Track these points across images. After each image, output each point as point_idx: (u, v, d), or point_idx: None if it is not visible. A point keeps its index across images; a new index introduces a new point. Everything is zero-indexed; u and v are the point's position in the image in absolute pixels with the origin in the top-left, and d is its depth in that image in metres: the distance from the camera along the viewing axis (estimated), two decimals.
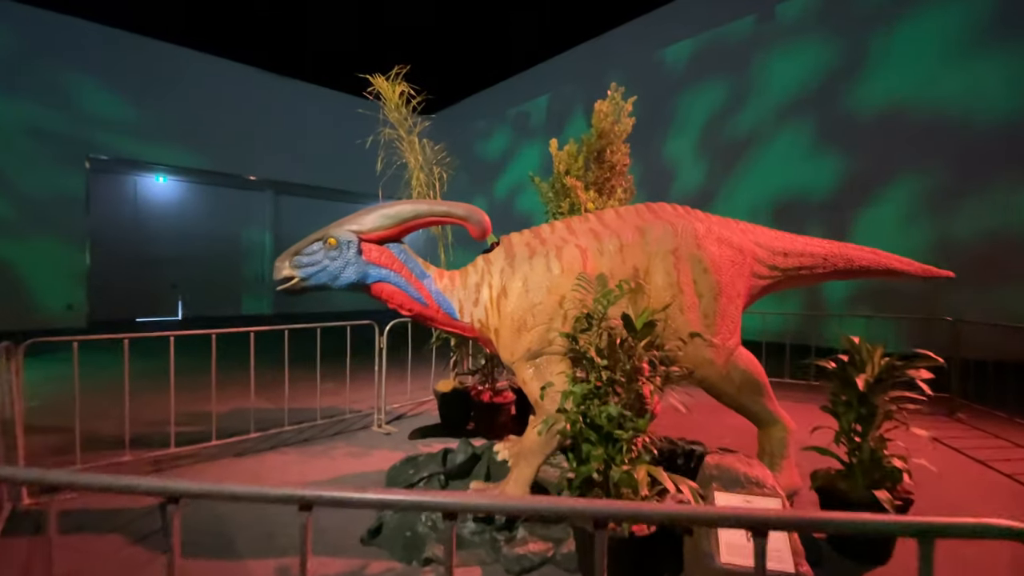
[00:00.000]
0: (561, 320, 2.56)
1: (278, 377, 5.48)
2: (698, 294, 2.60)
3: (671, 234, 2.68)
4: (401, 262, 2.76)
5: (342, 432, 4.28)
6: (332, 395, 5.35)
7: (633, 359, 2.11)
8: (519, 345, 2.58)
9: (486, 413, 4.15)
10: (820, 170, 9.88)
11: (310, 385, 5.54)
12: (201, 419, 4.36)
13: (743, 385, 2.65)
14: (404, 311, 2.80)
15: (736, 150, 11.04)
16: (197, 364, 4.77)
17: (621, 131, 3.96)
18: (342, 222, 2.74)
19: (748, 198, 10.81)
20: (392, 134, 4.00)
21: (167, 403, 4.35)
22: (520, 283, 2.64)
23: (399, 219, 2.71)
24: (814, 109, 9.95)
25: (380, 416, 4.47)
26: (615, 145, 3.95)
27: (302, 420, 4.40)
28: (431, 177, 4.14)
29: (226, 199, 17.96)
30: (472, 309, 2.75)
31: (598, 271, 2.61)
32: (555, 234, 2.82)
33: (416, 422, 4.59)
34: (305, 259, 2.68)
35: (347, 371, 4.58)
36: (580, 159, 4.02)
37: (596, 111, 3.93)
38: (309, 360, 5.12)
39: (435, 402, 4.98)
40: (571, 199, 4.21)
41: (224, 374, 5.20)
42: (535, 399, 2.56)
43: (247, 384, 3.71)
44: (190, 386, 5.21)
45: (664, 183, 12.02)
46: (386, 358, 4.48)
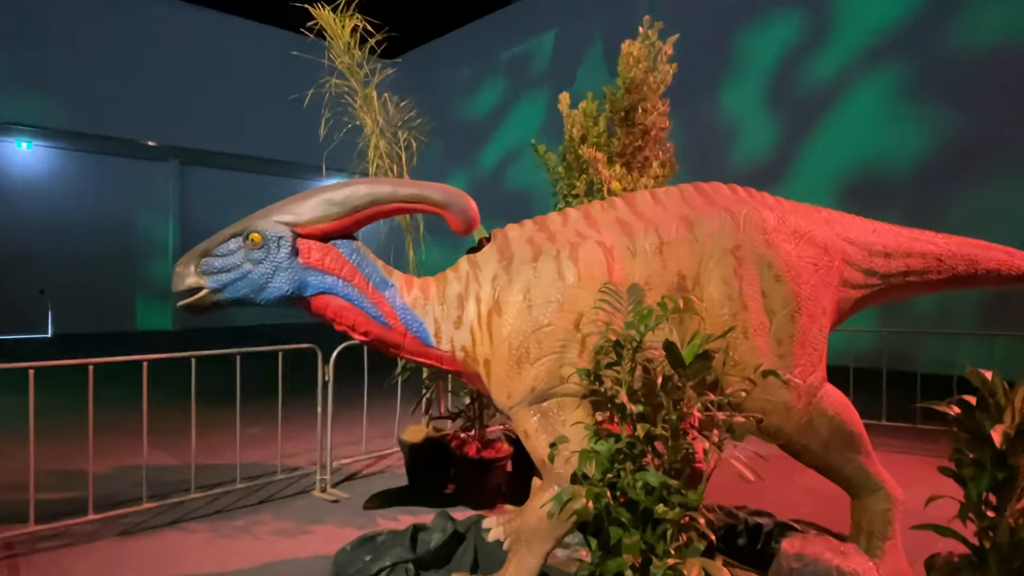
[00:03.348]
0: (578, 349, 2.50)
1: (182, 422, 5.37)
2: (768, 311, 2.55)
3: (730, 227, 2.64)
4: (353, 266, 2.69)
5: (271, 499, 4.21)
6: (258, 446, 5.25)
7: (680, 405, 2.04)
8: (519, 383, 2.52)
9: (472, 472, 4.09)
10: (908, 134, 9.92)
11: (227, 433, 5.43)
12: (74, 482, 4.25)
13: (832, 439, 2.60)
14: (357, 335, 2.73)
15: (807, 108, 11.08)
16: (71, 403, 4.67)
17: (657, 82, 3.93)
18: (270, 210, 2.67)
19: (817, 172, 10.84)
20: (341, 86, 3.94)
21: (24, 459, 4.25)
22: (520, 296, 2.58)
23: (350, 206, 2.65)
24: (907, 52, 10.00)
25: (324, 476, 4.40)
26: (649, 101, 3.92)
27: (216, 482, 4.32)
28: (395, 145, 4.08)
29: (114, 173, 17.83)
30: (453, 332, 2.70)
31: (629, 279, 2.56)
32: (568, 227, 2.77)
33: (375, 484, 4.53)
34: (218, 262, 2.60)
35: (279, 413, 4.49)
36: (601, 121, 3.98)
37: (623, 56, 3.90)
38: (226, 397, 5.02)
39: (401, 456, 4.90)
40: (588, 176, 4.16)
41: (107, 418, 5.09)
42: (541, 459, 2.49)
43: (138, 432, 3.63)
44: (59, 435, 5.10)
45: (715, 153, 12.04)
46: (333, 395, 4.40)
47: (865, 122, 10.39)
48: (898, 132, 10.05)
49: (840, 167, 10.65)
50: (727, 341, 2.17)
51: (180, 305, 2.62)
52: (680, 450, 2.02)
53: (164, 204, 18.71)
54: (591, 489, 1.97)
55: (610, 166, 3.83)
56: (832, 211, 3.00)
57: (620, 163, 3.94)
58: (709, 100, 12.34)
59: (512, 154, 16.53)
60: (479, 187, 16.71)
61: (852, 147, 10.54)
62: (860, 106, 10.49)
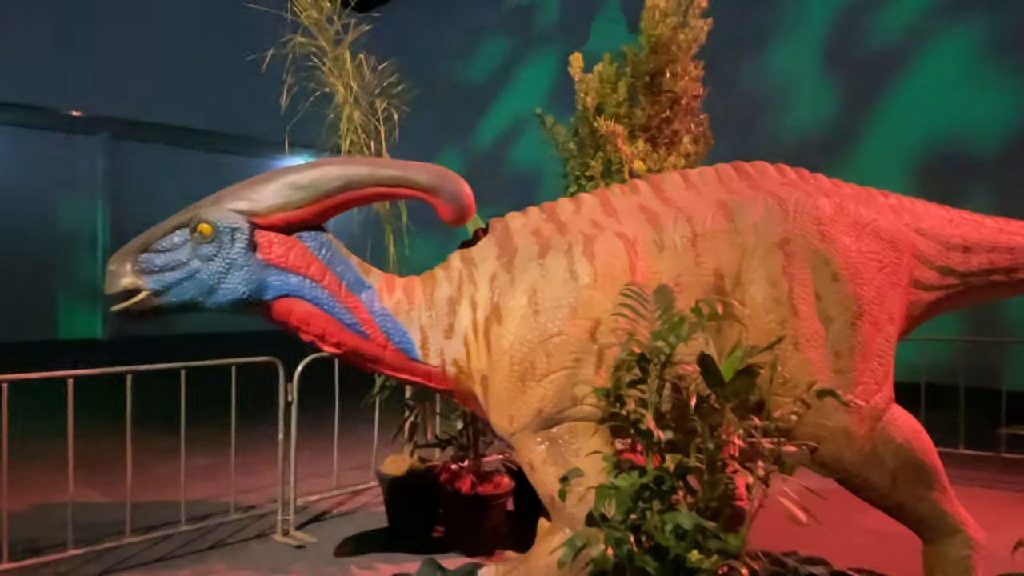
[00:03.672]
0: (594, 363, 2.52)
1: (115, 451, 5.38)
2: (824, 318, 2.56)
3: (778, 216, 2.66)
4: (322, 263, 2.71)
5: (223, 543, 4.22)
6: (206, 479, 5.24)
7: (718, 431, 2.05)
8: (523, 405, 2.54)
9: (466, 511, 4.10)
10: (995, 101, 9.89)
11: (169, 464, 5.43)
12: None
13: (900, 471, 2.61)
14: (328, 346, 2.75)
15: (872, 71, 11.07)
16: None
17: (689, 41, 3.95)
18: (222, 196, 2.69)
19: (885, 148, 10.83)
20: (307, 45, 3.95)
21: None
22: (525, 299, 2.60)
23: (319, 191, 2.67)
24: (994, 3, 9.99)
25: (287, 516, 4.41)
26: (679, 64, 3.93)
27: (156, 524, 4.30)
28: (371, 117, 4.09)
29: (30, 149, 17.82)
30: (443, 343, 2.72)
31: (655, 279, 2.58)
32: (582, 216, 2.79)
33: (347, 526, 4.51)
34: (160, 259, 2.62)
35: (232, 440, 4.50)
36: (621, 88, 4.00)
37: (648, 9, 3.92)
38: (168, 421, 5.03)
39: (379, 492, 4.90)
40: (606, 153, 4.18)
41: (23, 447, 5.10)
42: (550, 496, 2.50)
43: (61, 463, 3.62)
44: None
45: (759, 127, 12.04)
46: (297, 418, 4.41)
47: (944, 87, 10.37)
48: (983, 100, 10.04)
49: (913, 142, 10.65)
50: (775, 354, 2.18)
51: (115, 310, 2.63)
52: (718, 486, 2.03)
53: (91, 186, 18.69)
54: (611, 533, 1.98)
55: (632, 142, 3.85)
56: (900, 197, 3.02)
57: (644, 138, 3.96)
58: (752, 62, 12.33)
59: (514, 128, 16.52)
60: (475, 167, 16.69)
61: (928, 118, 10.53)
62: (937, 68, 10.48)
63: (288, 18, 4.08)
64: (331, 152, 4.09)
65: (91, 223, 18.74)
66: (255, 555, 4.06)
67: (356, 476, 5.29)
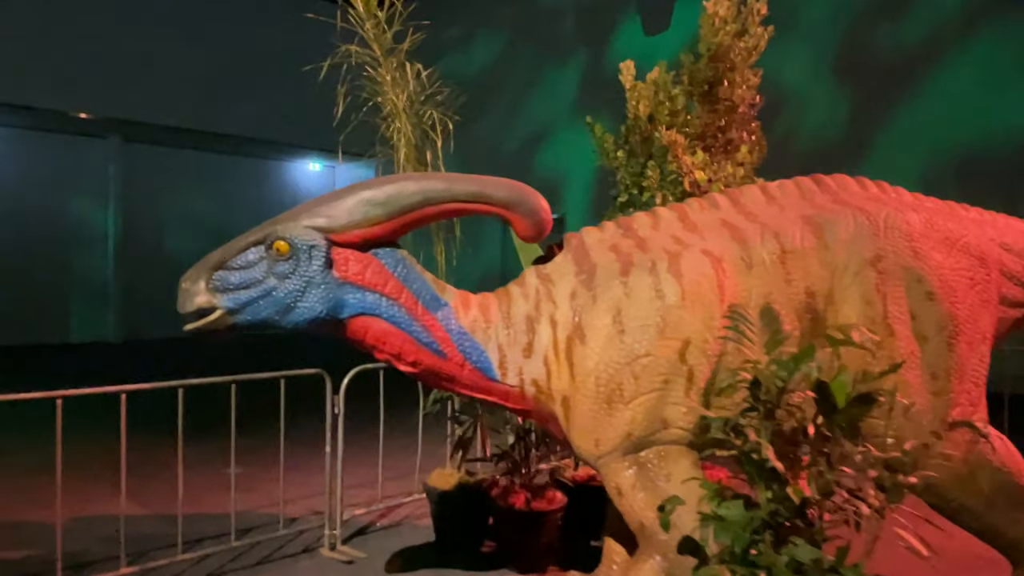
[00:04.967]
0: (683, 385, 2.46)
1: (158, 461, 5.33)
2: (920, 338, 2.50)
3: (869, 232, 2.59)
4: (399, 281, 2.65)
5: (271, 559, 4.16)
6: (249, 491, 5.18)
7: (832, 460, 1.98)
8: (611, 428, 2.47)
9: (517, 527, 4.03)
10: (1010, 112, 9.75)
11: (212, 474, 5.38)
12: (34, 538, 4.19)
13: (996, 495, 2.55)
14: (403, 365, 2.68)
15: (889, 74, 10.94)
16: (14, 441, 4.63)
17: (748, 49, 3.88)
18: (297, 213, 2.63)
19: (899, 157, 10.68)
20: (363, 55, 3.87)
21: None
22: (608, 318, 2.53)
23: (396, 206, 2.61)
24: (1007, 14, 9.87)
25: (334, 530, 4.35)
26: (739, 73, 3.86)
27: (204, 536, 4.27)
28: (420, 125, 4.02)
29: (41, 151, 17.73)
30: (522, 362, 2.65)
31: (745, 297, 2.51)
32: (662, 231, 2.72)
33: (393, 540, 4.47)
34: (235, 277, 2.55)
35: (280, 454, 4.43)
36: (679, 96, 3.93)
37: (707, 16, 3.85)
38: (202, 432, 4.98)
39: (420, 505, 4.83)
40: (657, 163, 4.11)
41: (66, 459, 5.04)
42: (638, 522, 2.44)
43: (104, 474, 3.56)
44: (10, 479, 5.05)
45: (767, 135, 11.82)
46: (343, 431, 4.35)
47: (958, 97, 10.25)
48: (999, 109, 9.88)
49: (926, 152, 10.49)
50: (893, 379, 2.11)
51: (189, 329, 2.57)
52: (837, 515, 1.96)
53: (102, 189, 18.62)
54: (726, 568, 1.90)
55: (692, 151, 3.78)
56: (980, 210, 2.95)
57: (700, 147, 3.89)
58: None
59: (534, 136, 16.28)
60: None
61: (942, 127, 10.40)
62: (952, 77, 10.35)
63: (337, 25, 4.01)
64: (383, 163, 4.02)
65: (102, 226, 18.67)
66: (306, 572, 4.00)
67: (400, 484, 5.23)
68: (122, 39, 16.58)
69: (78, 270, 18.40)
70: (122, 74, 16.56)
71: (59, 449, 3.52)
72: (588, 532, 4.33)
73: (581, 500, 4.21)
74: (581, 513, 4.23)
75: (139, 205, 19.00)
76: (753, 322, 2.36)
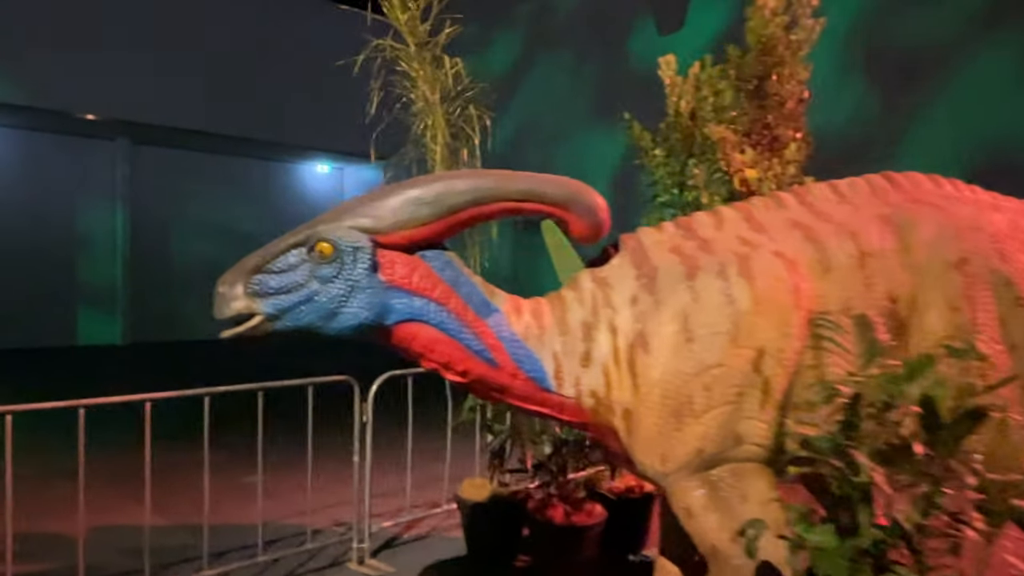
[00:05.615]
0: (759, 397, 2.30)
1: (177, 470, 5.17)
2: (1010, 346, 2.33)
3: (951, 233, 2.43)
4: (447, 285, 2.49)
5: (297, 574, 4.02)
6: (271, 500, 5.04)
7: (940, 483, 1.81)
8: (679, 444, 2.31)
9: (555, 542, 3.90)
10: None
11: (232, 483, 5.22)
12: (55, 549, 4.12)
13: None
14: (452, 374, 2.52)
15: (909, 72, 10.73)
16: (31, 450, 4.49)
17: (799, 43, 3.72)
18: (339, 213, 2.47)
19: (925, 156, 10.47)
20: (397, 51, 3.70)
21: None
22: (675, 325, 2.37)
23: (444, 206, 2.45)
24: None
25: (362, 544, 4.20)
26: (788, 68, 3.70)
27: (230, 548, 4.18)
28: (456, 122, 3.86)
29: (49, 153, 17.61)
30: (579, 372, 2.49)
31: (822, 303, 2.36)
32: (727, 232, 2.56)
33: (422, 553, 4.35)
34: (275, 281, 2.40)
35: (308, 464, 4.28)
36: (727, 91, 3.76)
37: (757, 7, 3.69)
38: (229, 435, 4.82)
39: (448, 517, 4.68)
40: (699, 161, 3.96)
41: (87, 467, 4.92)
42: (712, 546, 2.28)
43: (129, 483, 3.44)
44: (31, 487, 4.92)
45: None
46: (371, 439, 4.21)
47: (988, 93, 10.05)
48: None
49: (955, 150, 10.28)
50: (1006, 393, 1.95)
51: (226, 336, 2.41)
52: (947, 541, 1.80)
53: (110, 191, 18.53)
54: None
55: (742, 149, 3.62)
56: None
57: (749, 144, 3.72)
58: None
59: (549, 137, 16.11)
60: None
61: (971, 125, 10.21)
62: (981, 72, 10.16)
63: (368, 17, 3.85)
64: (417, 163, 3.86)
65: (110, 228, 18.57)
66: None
67: (427, 493, 5.04)
68: (130, 40, 16.45)
69: (85, 272, 18.31)
70: (130, 76, 16.43)
71: (81, 460, 3.40)
72: (628, 546, 4.19)
73: (620, 513, 4.06)
74: (621, 527, 4.08)
75: (147, 207, 18.92)
76: (843, 330, 2.19)
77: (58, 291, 17.69)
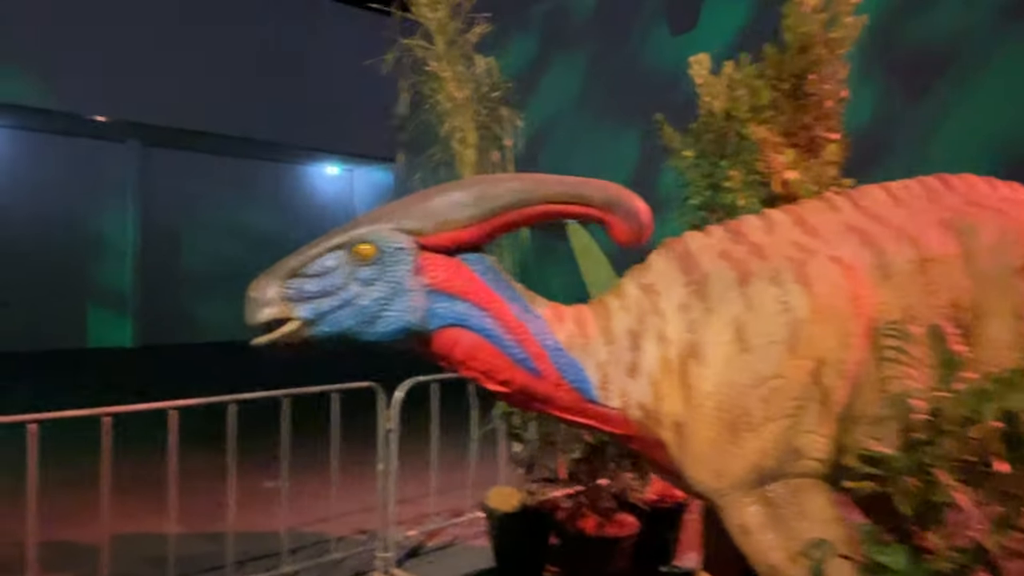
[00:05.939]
0: (818, 410, 2.21)
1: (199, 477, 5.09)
2: None
3: (1013, 238, 2.35)
4: (491, 289, 2.40)
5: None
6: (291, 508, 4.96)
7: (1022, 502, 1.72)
8: (735, 459, 2.22)
9: (587, 553, 3.81)
10: None
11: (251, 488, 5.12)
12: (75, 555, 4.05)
13: None
14: (494, 384, 2.43)
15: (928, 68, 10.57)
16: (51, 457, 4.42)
17: (838, 41, 3.61)
18: (378, 215, 2.39)
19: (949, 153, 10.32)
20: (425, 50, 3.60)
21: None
22: (729, 334, 2.28)
23: (489, 207, 2.39)
24: None
25: (386, 553, 4.10)
26: (828, 67, 3.60)
27: (255, 556, 4.12)
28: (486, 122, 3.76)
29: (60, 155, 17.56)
30: (625, 383, 2.40)
31: (883, 310, 2.26)
32: (779, 236, 2.46)
33: (448, 563, 4.28)
34: (311, 284, 2.31)
35: (332, 474, 4.20)
36: (764, 91, 3.66)
37: (794, 4, 3.58)
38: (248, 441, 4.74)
39: (472, 523, 4.59)
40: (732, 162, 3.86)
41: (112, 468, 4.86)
42: (771, 566, 2.19)
43: (148, 490, 3.38)
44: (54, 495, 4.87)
45: None
46: (396, 446, 4.12)
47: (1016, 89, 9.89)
48: None
49: (980, 148, 10.15)
50: None
51: (259, 343, 2.32)
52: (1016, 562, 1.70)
53: (121, 194, 18.51)
54: None
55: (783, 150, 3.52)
56: None
57: (788, 144, 3.62)
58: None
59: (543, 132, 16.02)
60: None
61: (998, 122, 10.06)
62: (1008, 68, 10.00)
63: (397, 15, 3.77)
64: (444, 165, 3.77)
65: (121, 230, 18.57)
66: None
67: (451, 500, 4.95)
68: (141, 41, 16.44)
69: (96, 274, 18.30)
70: (141, 77, 16.41)
71: (106, 469, 3.32)
72: (659, 557, 4.09)
73: (650, 523, 3.96)
74: (652, 537, 3.98)
75: (158, 209, 18.91)
76: (912, 339, 2.09)
77: (69, 293, 17.68)
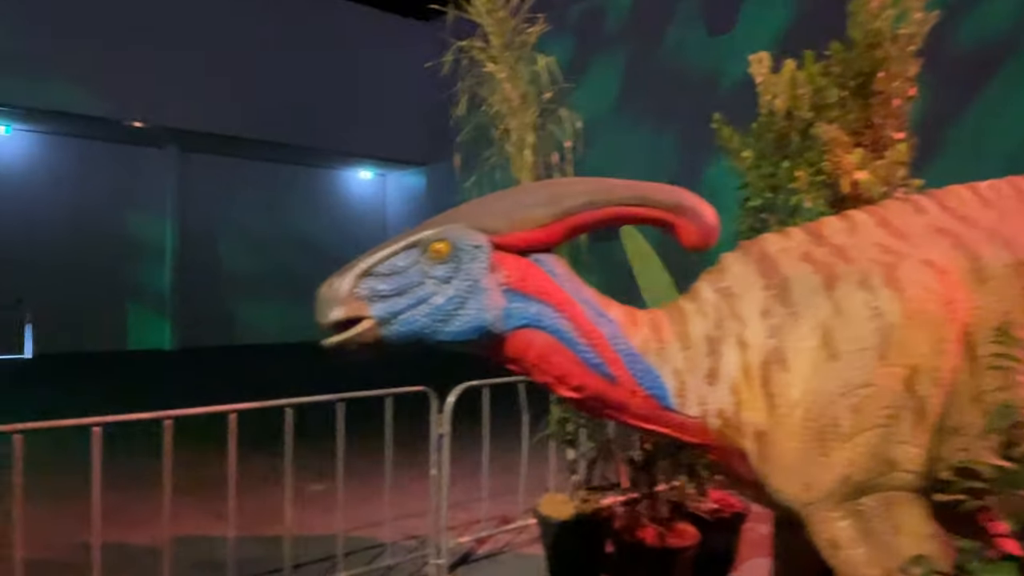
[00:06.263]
0: (912, 420, 2.11)
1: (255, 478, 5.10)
2: None
3: None
4: (564, 291, 2.34)
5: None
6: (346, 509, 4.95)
7: None
8: (824, 471, 2.13)
9: (646, 565, 3.72)
10: None
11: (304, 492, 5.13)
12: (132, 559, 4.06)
13: None
14: (566, 389, 2.37)
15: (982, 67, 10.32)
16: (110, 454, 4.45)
17: (909, 37, 3.50)
18: (453, 215, 2.35)
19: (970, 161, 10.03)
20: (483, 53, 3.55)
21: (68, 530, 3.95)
22: (815, 340, 2.19)
23: (562, 208, 2.34)
24: None
25: (439, 560, 4.06)
26: (896, 64, 3.48)
27: (310, 560, 4.11)
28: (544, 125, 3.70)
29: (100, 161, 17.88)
30: (704, 390, 2.32)
31: (979, 315, 2.16)
32: (863, 238, 2.37)
33: (501, 570, 4.24)
34: (384, 283, 2.26)
35: (386, 472, 4.17)
36: (832, 89, 3.56)
37: (862, 1, 3.47)
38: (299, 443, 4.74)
39: (525, 530, 4.53)
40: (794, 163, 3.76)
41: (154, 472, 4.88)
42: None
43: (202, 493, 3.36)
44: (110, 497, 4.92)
45: None
46: (448, 451, 4.08)
47: None
48: None
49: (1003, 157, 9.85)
50: None
51: (331, 343, 2.27)
52: None
53: (160, 198, 18.82)
54: None
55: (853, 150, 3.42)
56: None
57: (855, 143, 3.51)
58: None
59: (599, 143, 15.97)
60: None
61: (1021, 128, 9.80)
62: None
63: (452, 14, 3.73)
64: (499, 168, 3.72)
65: (160, 234, 18.89)
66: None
67: (504, 506, 4.91)
68: (179, 48, 16.70)
69: (135, 278, 18.62)
70: (179, 84, 16.67)
71: (168, 472, 3.33)
72: (718, 569, 3.99)
73: (709, 533, 3.86)
74: (711, 547, 3.88)
75: (195, 213, 19.20)
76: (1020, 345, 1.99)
77: (108, 296, 18.02)
